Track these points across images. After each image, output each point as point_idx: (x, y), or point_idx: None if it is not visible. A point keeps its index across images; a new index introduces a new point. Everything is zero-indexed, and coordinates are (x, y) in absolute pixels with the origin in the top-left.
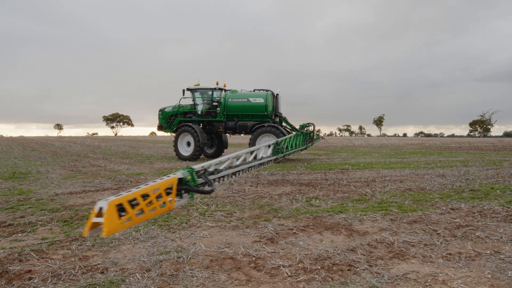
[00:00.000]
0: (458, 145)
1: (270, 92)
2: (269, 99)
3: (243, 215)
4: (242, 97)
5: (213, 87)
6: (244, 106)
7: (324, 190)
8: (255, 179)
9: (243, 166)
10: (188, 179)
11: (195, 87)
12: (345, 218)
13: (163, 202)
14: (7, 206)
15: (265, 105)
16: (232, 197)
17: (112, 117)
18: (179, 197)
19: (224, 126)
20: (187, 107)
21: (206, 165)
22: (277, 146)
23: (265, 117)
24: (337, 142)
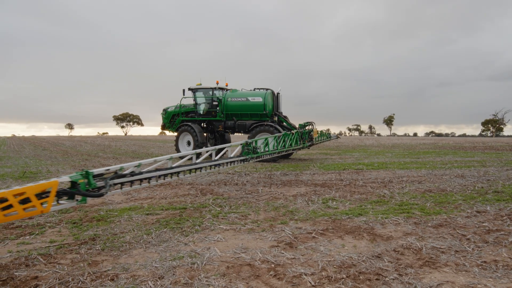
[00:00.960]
0: (472, 144)
1: (270, 91)
2: (268, 98)
3: (258, 217)
4: (241, 96)
5: (213, 87)
6: (243, 105)
7: (340, 191)
8: (268, 180)
9: (180, 168)
10: (80, 182)
11: (196, 86)
12: (365, 221)
13: (32, 206)
14: None
15: (264, 104)
16: (245, 198)
17: (122, 117)
18: (70, 200)
19: (223, 125)
20: (189, 106)
21: (117, 167)
22: (247, 146)
23: (264, 116)
24: (348, 142)
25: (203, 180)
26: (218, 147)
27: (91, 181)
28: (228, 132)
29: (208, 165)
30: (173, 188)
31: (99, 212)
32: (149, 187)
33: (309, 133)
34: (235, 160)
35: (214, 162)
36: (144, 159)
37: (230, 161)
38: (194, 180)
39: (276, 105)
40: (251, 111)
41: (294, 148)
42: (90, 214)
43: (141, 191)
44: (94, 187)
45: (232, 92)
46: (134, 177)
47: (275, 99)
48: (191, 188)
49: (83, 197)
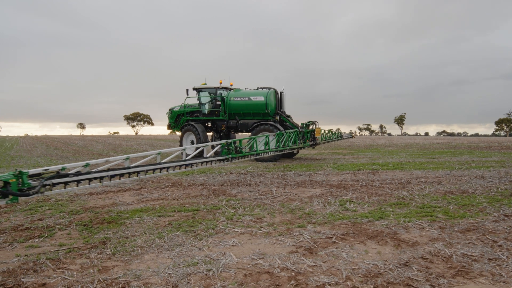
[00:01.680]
0: (487, 144)
1: (273, 90)
2: (270, 97)
3: (274, 220)
4: (244, 96)
5: (217, 86)
6: (245, 104)
7: (357, 193)
8: (281, 180)
9: (138, 168)
10: (11, 182)
11: (200, 86)
12: (387, 225)
13: None
14: (26, 207)
15: (265, 103)
16: (260, 199)
17: (132, 116)
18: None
19: (226, 124)
20: (194, 106)
21: (58, 167)
22: (227, 146)
23: (266, 116)
24: (360, 141)
25: (215, 181)
26: (194, 146)
27: (25, 180)
28: (231, 131)
29: (175, 165)
30: (185, 188)
31: (110, 214)
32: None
33: (311, 132)
34: (212, 159)
35: (183, 162)
36: (94, 160)
37: (205, 160)
38: (206, 181)
39: (279, 104)
40: (253, 110)
41: (292, 147)
42: (101, 216)
43: (153, 191)
44: (28, 187)
45: (235, 92)
46: (78, 176)
47: (278, 98)
48: (203, 188)
49: (14, 196)
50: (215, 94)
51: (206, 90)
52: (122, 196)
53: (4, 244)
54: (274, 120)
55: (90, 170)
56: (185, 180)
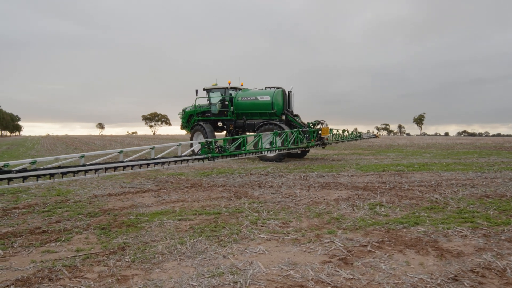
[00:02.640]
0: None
1: (280, 89)
2: (277, 96)
3: (301, 225)
4: (251, 96)
5: (226, 87)
6: (252, 104)
7: (385, 196)
8: (304, 182)
9: (93, 167)
10: None
11: (210, 87)
12: (425, 232)
13: None
14: (44, 208)
15: (271, 103)
16: (283, 202)
17: (150, 116)
18: None
19: (234, 124)
20: (205, 106)
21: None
22: (207, 145)
23: (273, 115)
24: (380, 142)
25: (235, 182)
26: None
27: None
28: (239, 131)
29: (137, 164)
30: (205, 190)
31: (128, 216)
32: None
33: (317, 132)
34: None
35: (152, 161)
36: (44, 157)
37: (180, 159)
38: (226, 182)
39: (287, 103)
40: (260, 110)
41: (292, 147)
42: (120, 219)
43: (172, 193)
44: None
45: (243, 92)
46: (22, 173)
47: (285, 97)
48: (224, 190)
49: None
50: (224, 94)
51: (216, 90)
52: (141, 197)
53: (20, 249)
54: (280, 119)
55: (37, 167)
56: (205, 181)
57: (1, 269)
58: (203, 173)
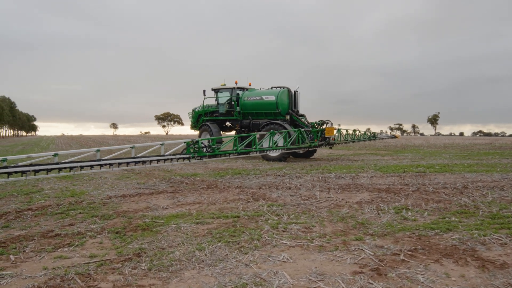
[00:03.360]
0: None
1: (286, 89)
2: (282, 96)
3: (325, 230)
4: (256, 96)
5: (233, 87)
6: (258, 104)
7: (410, 199)
8: (323, 183)
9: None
10: None
11: (218, 87)
12: (460, 239)
13: None
14: (58, 210)
15: (276, 103)
16: (303, 205)
17: (163, 116)
18: None
19: (240, 124)
20: (214, 106)
21: None
22: (193, 145)
23: (278, 115)
24: (395, 142)
25: (252, 183)
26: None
27: None
28: (245, 131)
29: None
30: (221, 191)
31: (144, 219)
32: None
33: (321, 132)
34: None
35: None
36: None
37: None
38: (242, 183)
39: (293, 103)
40: (265, 109)
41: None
42: (134, 222)
43: (187, 194)
44: None
45: (249, 92)
46: None
47: (291, 97)
48: (241, 192)
49: None
50: (231, 94)
51: (223, 90)
52: (156, 199)
53: (31, 254)
54: (284, 119)
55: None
56: (220, 182)
57: (12, 277)
58: (218, 174)
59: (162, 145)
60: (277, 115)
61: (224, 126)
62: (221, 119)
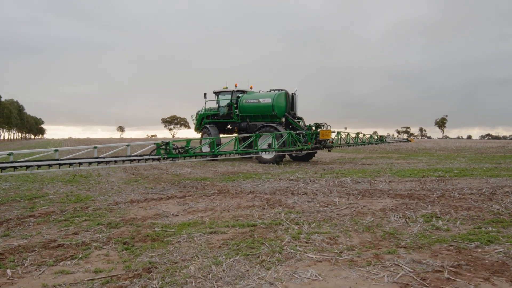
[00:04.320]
0: None
1: (283, 92)
2: (278, 99)
3: (352, 241)
4: (254, 98)
5: (233, 90)
6: (255, 106)
7: (437, 206)
8: (340, 188)
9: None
10: None
11: (219, 90)
12: (505, 253)
13: None
14: (61, 217)
15: (272, 105)
16: (323, 212)
17: (170, 120)
18: None
19: (238, 126)
20: (215, 109)
21: None
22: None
23: (274, 117)
24: (406, 145)
25: (265, 188)
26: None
27: None
28: (242, 133)
29: (77, 162)
30: (234, 197)
31: (153, 228)
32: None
33: (316, 134)
34: (138, 158)
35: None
36: None
37: (126, 159)
38: (255, 188)
39: (290, 106)
40: (262, 112)
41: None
42: (143, 231)
43: (198, 200)
44: None
45: (248, 94)
46: None
47: (288, 100)
48: (255, 197)
49: None
50: (231, 97)
51: (224, 93)
52: (165, 205)
53: (31, 268)
54: (280, 122)
55: None
56: (232, 187)
57: None
58: (229, 178)
59: (128, 146)
60: (273, 118)
61: (226, 128)
62: (222, 122)
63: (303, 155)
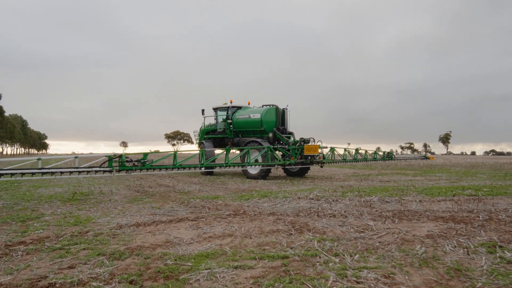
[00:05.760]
0: None
1: (273, 107)
2: (267, 114)
3: (412, 280)
4: (245, 114)
5: (228, 106)
6: (246, 122)
7: (491, 231)
8: (369, 209)
9: None
10: None
11: (216, 106)
12: None
13: None
14: (56, 244)
15: (261, 121)
16: (361, 239)
17: (173, 135)
18: None
19: (231, 141)
20: (215, 125)
21: None
22: (116, 158)
23: (263, 133)
24: (417, 161)
25: (285, 209)
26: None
27: None
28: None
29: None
30: (253, 219)
31: (165, 260)
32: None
33: (300, 150)
34: (87, 170)
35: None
36: None
37: (74, 170)
38: (273, 208)
39: (280, 121)
40: (252, 127)
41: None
42: (153, 264)
43: (213, 222)
44: None
45: (242, 110)
46: None
47: (278, 115)
48: (277, 220)
49: None
50: (227, 112)
51: (222, 109)
52: (176, 229)
53: None
54: (267, 137)
55: None
56: (248, 207)
57: None
58: (242, 197)
59: (76, 158)
60: (263, 133)
61: (223, 144)
62: (220, 137)
63: (296, 171)
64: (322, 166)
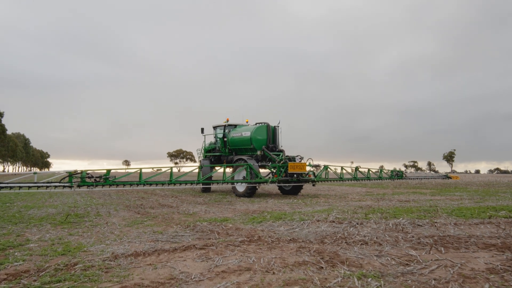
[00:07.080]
0: None
1: (264, 125)
2: (258, 132)
3: None
4: (238, 132)
5: (225, 124)
6: (238, 140)
7: None
8: (403, 234)
9: None
10: None
11: (217, 124)
12: None
13: None
14: (36, 281)
15: (250, 139)
16: (410, 274)
17: (176, 154)
18: None
19: (226, 159)
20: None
21: None
22: (76, 175)
23: (253, 150)
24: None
25: (306, 234)
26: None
27: None
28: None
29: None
30: (271, 247)
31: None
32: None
33: (284, 168)
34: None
35: None
36: None
37: (32, 185)
38: (292, 234)
39: (271, 138)
40: (243, 145)
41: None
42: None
43: (225, 251)
44: None
45: (237, 128)
46: None
47: (269, 133)
48: (300, 248)
49: None
50: (223, 131)
51: (220, 128)
52: (182, 260)
53: None
54: (256, 155)
55: None
56: (262, 232)
57: None
58: (254, 219)
59: (35, 174)
60: (253, 151)
61: (220, 162)
62: (218, 155)
63: (289, 189)
64: (314, 185)
